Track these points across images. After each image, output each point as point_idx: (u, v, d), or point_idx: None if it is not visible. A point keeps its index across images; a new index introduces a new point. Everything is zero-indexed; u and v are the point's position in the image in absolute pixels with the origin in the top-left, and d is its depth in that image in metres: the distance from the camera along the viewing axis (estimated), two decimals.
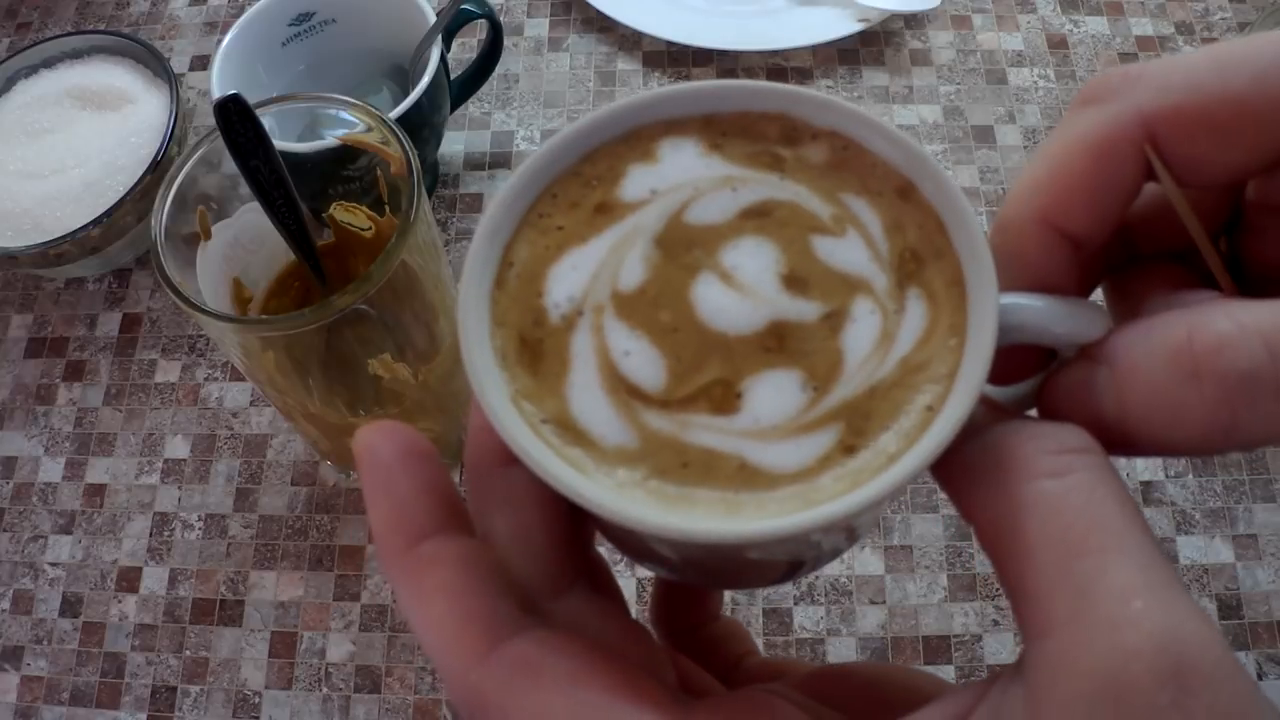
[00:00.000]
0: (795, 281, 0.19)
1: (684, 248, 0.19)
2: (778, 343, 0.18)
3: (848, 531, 0.21)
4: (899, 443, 0.17)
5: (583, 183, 0.20)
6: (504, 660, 0.16)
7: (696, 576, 0.23)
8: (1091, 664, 0.14)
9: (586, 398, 0.18)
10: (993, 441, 0.17)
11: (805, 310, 0.18)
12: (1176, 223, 0.18)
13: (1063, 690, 0.14)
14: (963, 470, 0.17)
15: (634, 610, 0.46)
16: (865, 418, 0.17)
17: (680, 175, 0.20)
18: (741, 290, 0.18)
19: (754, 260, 0.19)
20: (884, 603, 0.47)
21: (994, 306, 0.17)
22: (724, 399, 0.18)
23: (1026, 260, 0.18)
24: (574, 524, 0.19)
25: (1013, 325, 0.17)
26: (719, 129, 0.20)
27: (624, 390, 0.18)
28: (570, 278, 0.19)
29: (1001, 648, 0.46)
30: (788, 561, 0.21)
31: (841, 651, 0.45)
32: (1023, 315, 0.18)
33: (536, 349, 0.18)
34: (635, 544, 0.20)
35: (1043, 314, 0.18)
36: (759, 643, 0.46)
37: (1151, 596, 0.14)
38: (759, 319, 0.18)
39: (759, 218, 0.19)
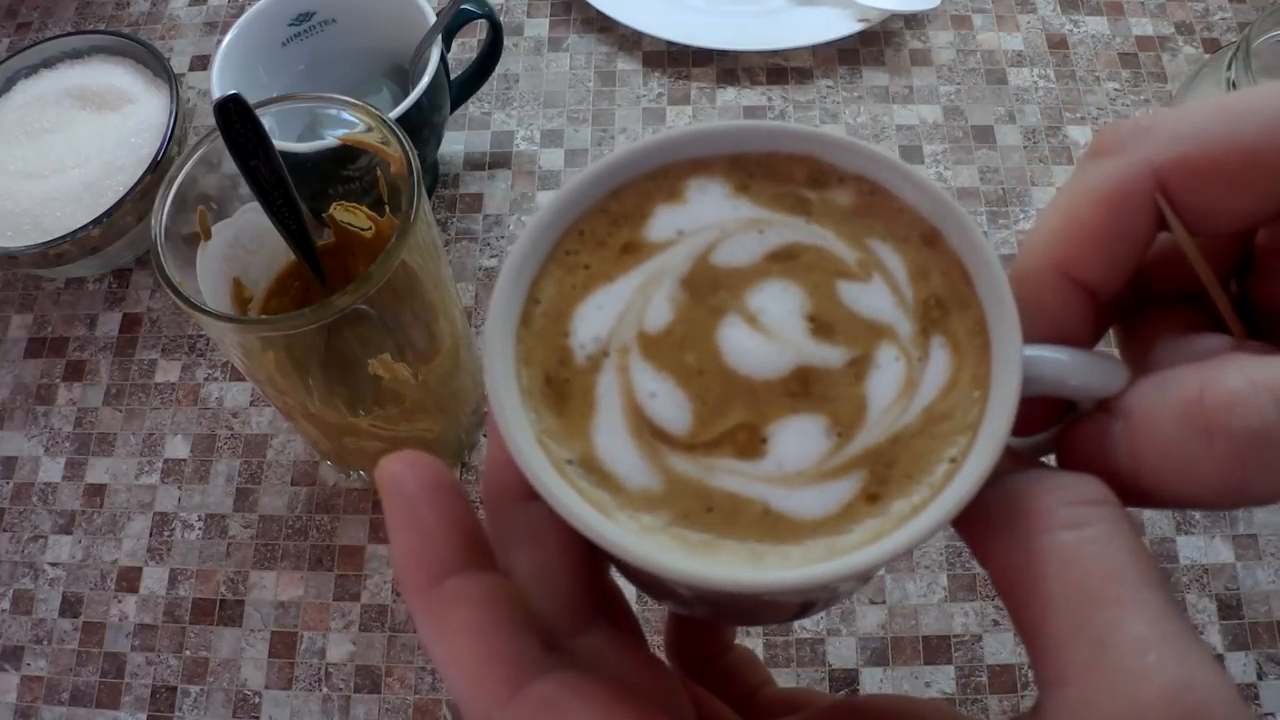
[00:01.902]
0: (821, 326, 0.19)
1: (710, 290, 0.19)
2: (802, 388, 0.18)
3: (864, 577, 0.21)
4: (922, 494, 0.17)
5: (610, 220, 0.20)
6: (528, 702, 0.16)
7: (712, 614, 0.23)
8: (1108, 714, 0.14)
9: (611, 439, 0.18)
10: (1012, 491, 0.17)
11: (830, 356, 0.18)
12: (1187, 266, 0.19)
13: None
14: (981, 518, 0.17)
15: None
16: (888, 466, 0.17)
17: (707, 216, 0.20)
18: (767, 334, 0.18)
19: (780, 304, 0.19)
20: (884, 603, 0.47)
21: (1018, 360, 0.17)
22: (749, 444, 0.18)
23: (1043, 310, 0.18)
24: (594, 560, 0.19)
25: (1033, 377, 0.17)
26: (746, 169, 0.20)
27: (649, 432, 0.18)
28: (596, 318, 0.19)
29: (1001, 648, 0.46)
30: (803, 603, 0.22)
31: (841, 651, 0.45)
32: (1043, 368, 0.18)
33: (562, 389, 0.18)
34: (654, 583, 0.20)
35: (1064, 367, 0.18)
36: (759, 642, 0.46)
37: (1166, 648, 0.14)
38: (784, 364, 0.18)
39: (785, 261, 0.19)
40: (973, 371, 0.18)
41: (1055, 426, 0.19)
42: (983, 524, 0.17)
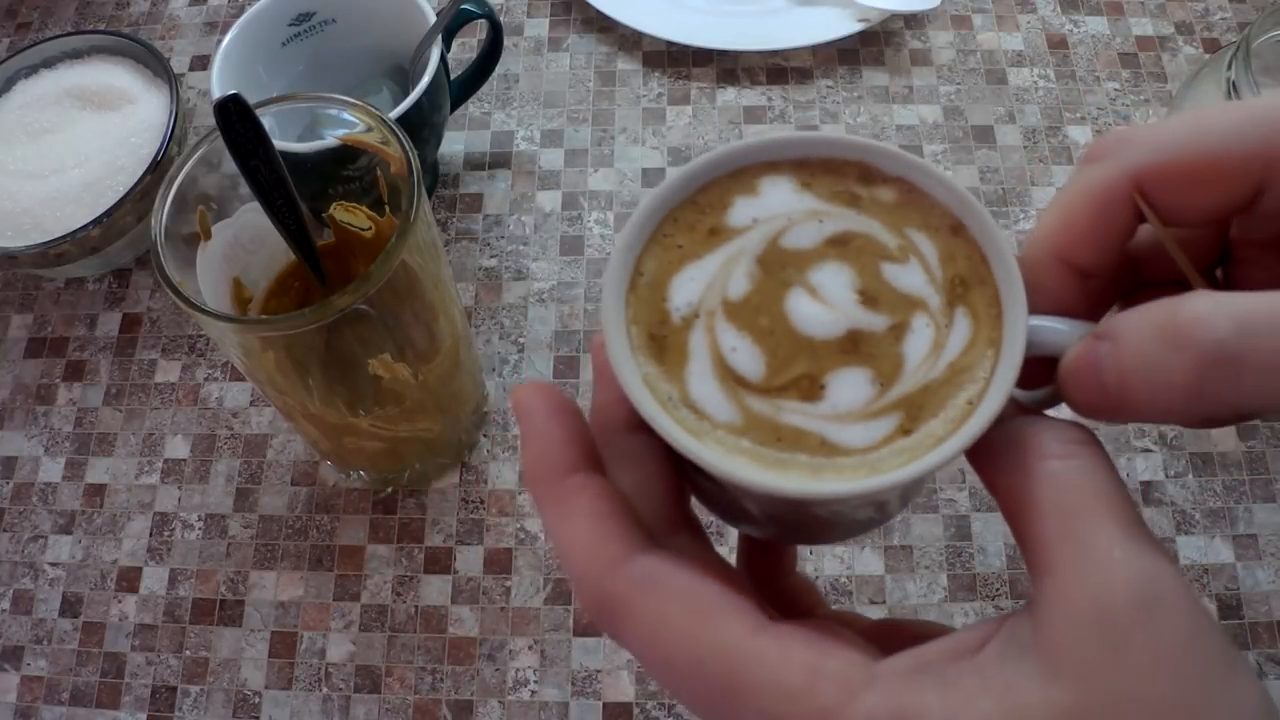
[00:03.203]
0: (868, 298, 0.23)
1: (780, 267, 0.23)
2: (853, 346, 0.22)
3: (902, 496, 0.25)
4: (945, 428, 0.21)
5: (698, 210, 0.24)
6: (634, 570, 0.20)
7: (777, 531, 0.27)
8: (1084, 595, 0.18)
9: (701, 383, 0.22)
10: (1015, 431, 0.21)
11: (875, 322, 0.22)
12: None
13: (1062, 615, 0.18)
14: (991, 452, 0.21)
15: None
16: (920, 409, 0.22)
17: (777, 207, 0.24)
18: (825, 304, 0.22)
19: (835, 280, 0.23)
20: (884, 603, 0.47)
21: (1024, 326, 0.21)
22: (810, 389, 0.22)
23: (1045, 288, 0.22)
24: (681, 485, 0.23)
25: (1035, 341, 0.21)
26: (809, 170, 0.24)
27: (731, 379, 0.22)
28: (689, 287, 0.23)
29: None
30: (853, 520, 0.26)
31: None
32: (1044, 334, 0.22)
33: (662, 343, 0.22)
34: (727, 502, 0.24)
35: (1060, 333, 0.22)
36: None
37: (1131, 547, 0.18)
38: (839, 327, 0.22)
39: (840, 245, 0.23)
40: (988, 335, 0.22)
41: (1052, 384, 0.22)
42: (991, 457, 0.21)
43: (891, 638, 0.22)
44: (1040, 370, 0.22)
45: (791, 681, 0.18)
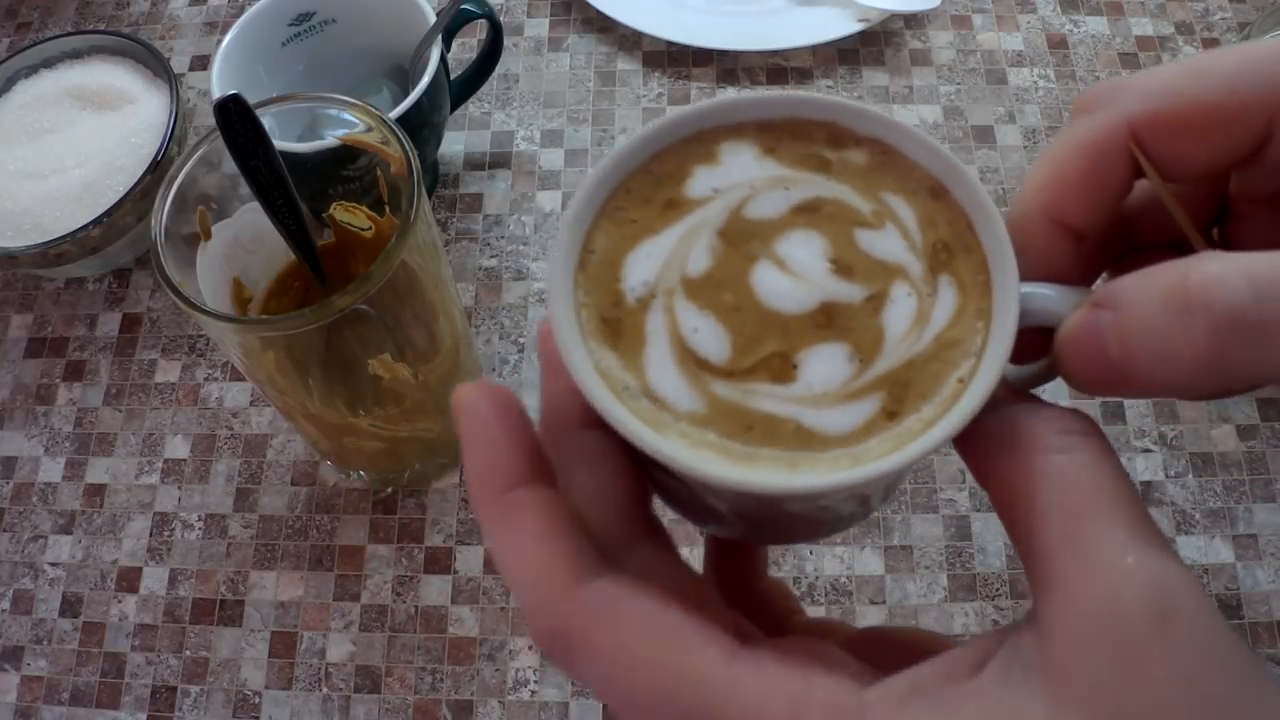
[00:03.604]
0: (841, 267, 0.21)
1: (744, 239, 0.21)
2: (827, 320, 0.20)
3: (887, 487, 0.24)
4: (934, 410, 0.19)
5: (653, 180, 0.22)
6: (589, 596, 0.18)
7: (748, 532, 0.25)
8: (1093, 607, 0.16)
9: (661, 369, 0.20)
10: (1010, 420, 0.19)
11: (851, 292, 0.21)
12: (1169, 215, 0.21)
13: (1069, 628, 0.16)
14: (983, 443, 0.19)
15: None
16: (905, 387, 0.20)
17: (739, 175, 0.22)
18: (795, 275, 0.21)
19: (805, 249, 0.21)
20: (884, 603, 0.47)
21: (1015, 295, 0.20)
22: (781, 369, 0.20)
23: (1035, 251, 0.21)
24: (642, 484, 0.21)
25: (1028, 310, 0.20)
26: (773, 134, 0.23)
27: (693, 363, 0.20)
28: (644, 265, 0.21)
29: None
30: (833, 516, 0.24)
31: None
32: (1037, 302, 0.20)
33: (616, 327, 0.21)
34: (693, 501, 0.22)
35: (1053, 301, 0.20)
36: None
37: (1141, 551, 0.17)
38: (811, 300, 0.20)
39: (809, 213, 0.22)
40: (976, 305, 0.20)
41: (1047, 356, 0.21)
42: (984, 448, 0.19)
43: (879, 649, 0.20)
44: (1032, 342, 0.20)
45: (773, 714, 0.17)
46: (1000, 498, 0.19)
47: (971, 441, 0.20)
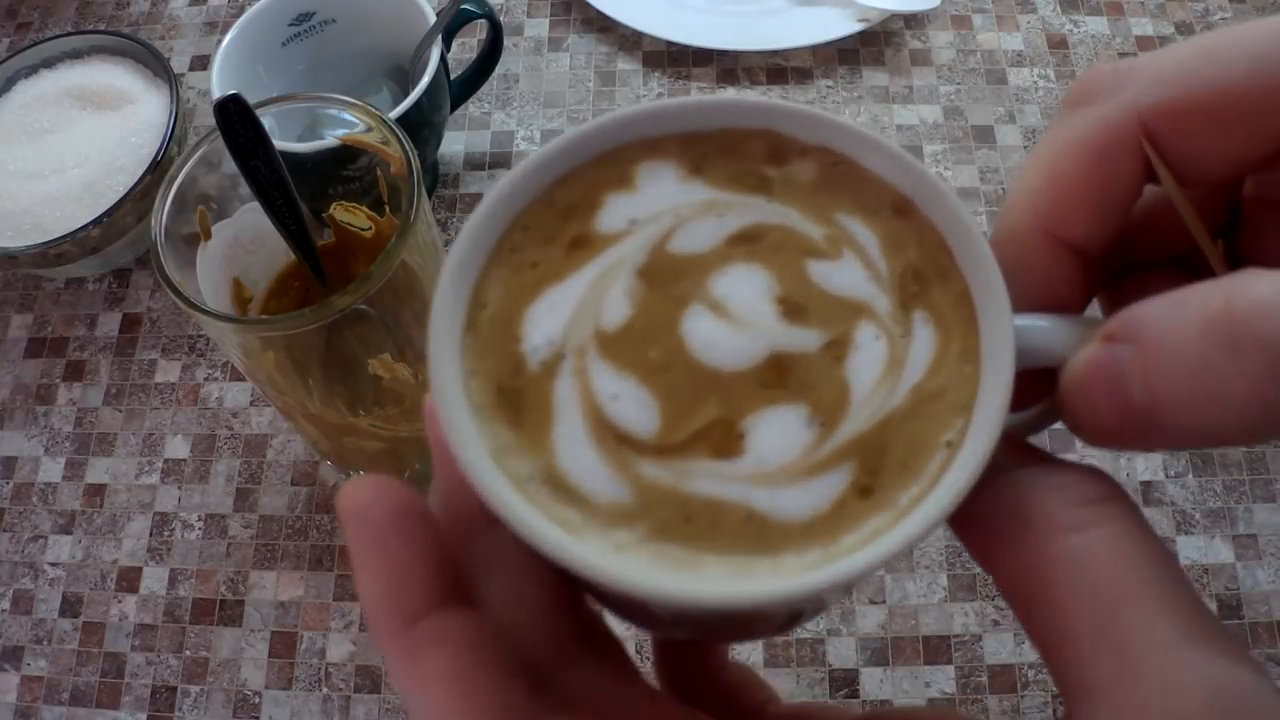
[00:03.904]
0: (792, 309, 0.17)
1: (670, 279, 0.18)
2: (778, 376, 0.17)
3: (865, 580, 0.20)
4: (920, 483, 0.16)
5: (556, 213, 0.19)
6: None
7: (697, 635, 0.22)
8: None
9: (574, 450, 0.16)
10: (1010, 493, 0.16)
11: (805, 339, 0.17)
12: (1173, 226, 0.18)
13: None
14: (980, 522, 0.16)
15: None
16: (879, 454, 0.16)
17: (661, 203, 0.19)
18: (735, 322, 0.17)
19: (746, 288, 0.18)
20: (884, 602, 0.47)
21: (1009, 330, 0.16)
22: (724, 441, 0.16)
23: (1030, 275, 0.17)
24: (572, 585, 0.18)
25: (1024, 348, 0.16)
26: (699, 149, 0.19)
27: (613, 439, 0.16)
28: (548, 319, 0.18)
29: (1001, 648, 0.46)
30: (797, 612, 0.21)
31: (841, 651, 0.45)
32: (1034, 337, 0.17)
33: (516, 399, 0.17)
34: (633, 608, 0.19)
35: (1054, 334, 0.17)
36: (757, 644, 0.46)
37: (1195, 650, 0.14)
38: (756, 351, 0.17)
39: (748, 243, 0.18)
40: (960, 345, 0.17)
41: (1046, 400, 0.18)
42: (983, 529, 0.16)
43: None
44: (1030, 387, 0.17)
45: None
46: (1011, 593, 0.16)
47: (966, 519, 0.16)
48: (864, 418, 0.17)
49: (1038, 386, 0.17)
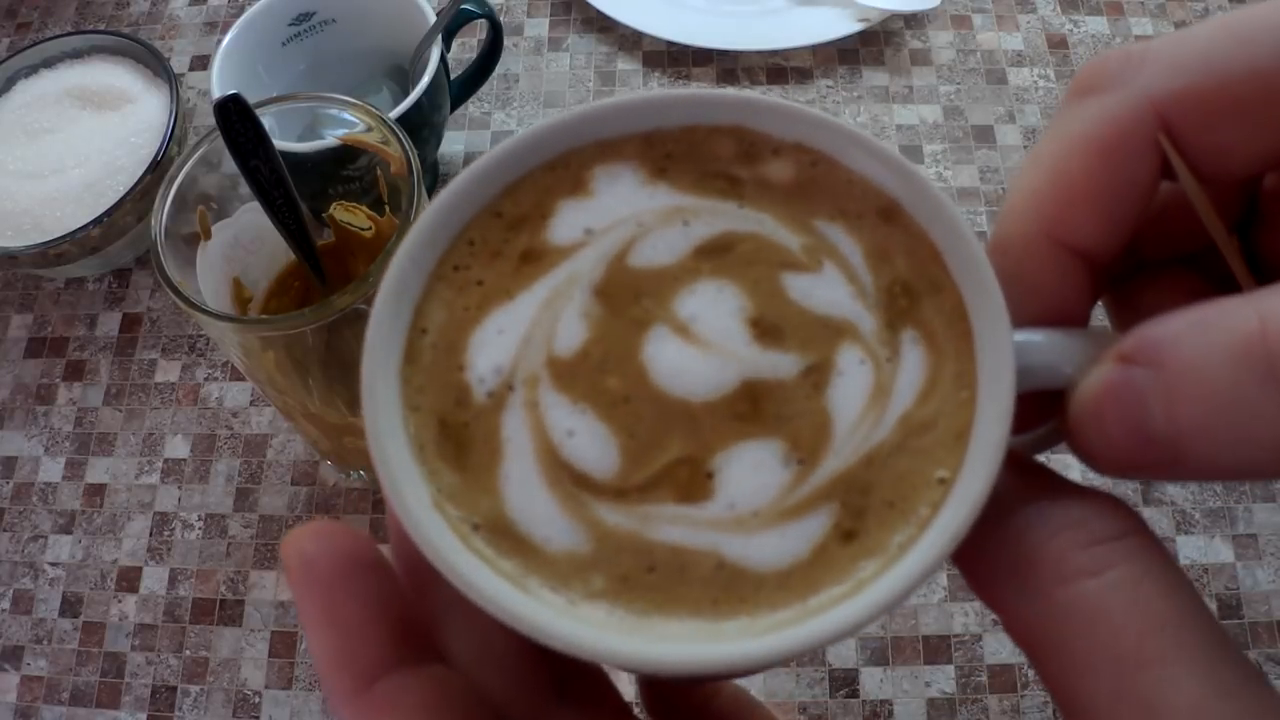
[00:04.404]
0: (767, 330, 0.16)
1: (631, 298, 0.16)
2: (751, 408, 0.15)
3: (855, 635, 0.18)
4: (910, 526, 0.14)
5: (505, 225, 0.17)
6: None
7: (672, 680, 0.20)
8: None
9: (524, 493, 0.15)
10: (1016, 533, 0.14)
11: (781, 365, 0.15)
12: (1183, 223, 0.16)
13: None
14: (984, 563, 0.14)
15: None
16: (863, 493, 0.15)
17: (620, 210, 0.17)
18: (703, 346, 0.15)
19: (715, 308, 0.16)
20: None
21: (1009, 349, 0.14)
22: (691, 482, 0.15)
23: (1033, 285, 0.16)
24: None
25: (1026, 368, 0.15)
26: (663, 149, 0.17)
27: (569, 480, 0.15)
28: (496, 344, 0.16)
29: (1001, 647, 0.46)
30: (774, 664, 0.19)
31: (841, 651, 0.45)
32: (1037, 356, 0.15)
33: (461, 436, 0.15)
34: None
35: (1060, 353, 0.15)
36: None
37: (1226, 706, 0.12)
38: (727, 380, 0.15)
39: (717, 255, 0.16)
40: (955, 368, 0.15)
41: (1050, 422, 0.16)
42: (989, 571, 0.14)
43: None
44: (1034, 409, 0.15)
45: None
46: (1022, 640, 0.14)
47: (970, 558, 0.15)
48: (847, 453, 0.15)
49: (1041, 407, 0.15)
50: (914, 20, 0.65)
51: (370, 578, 0.15)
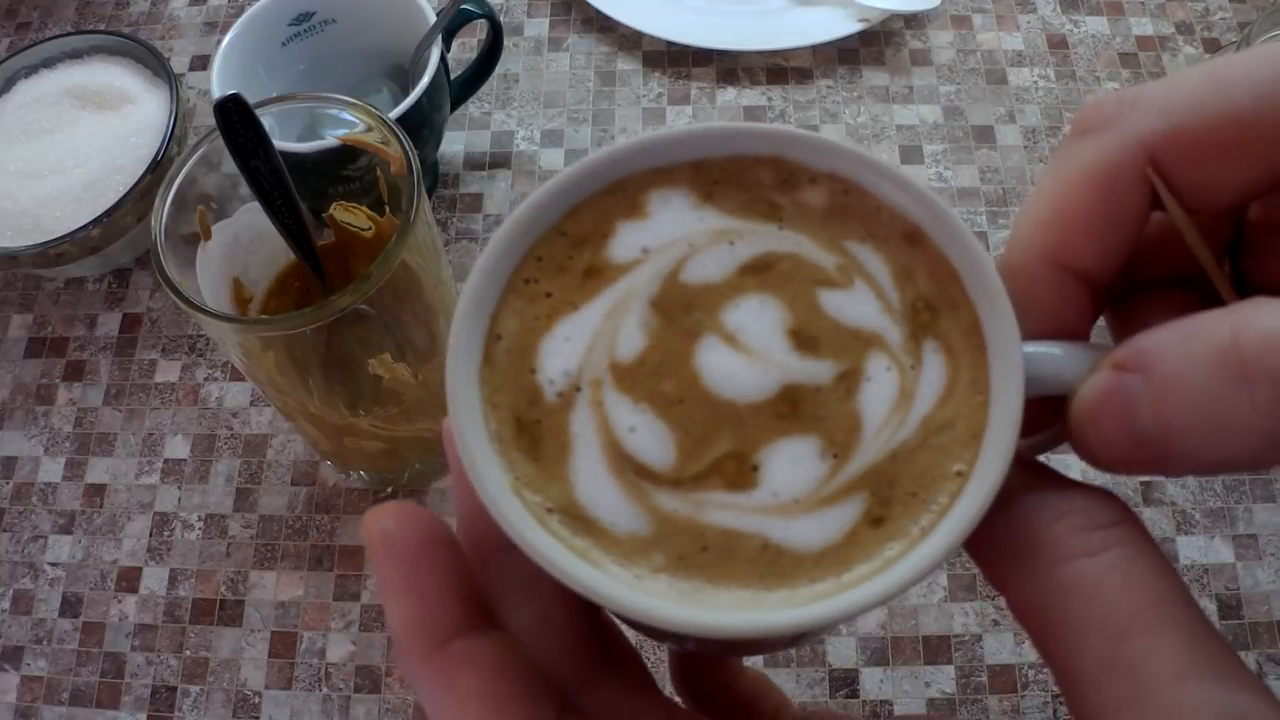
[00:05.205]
0: (804, 340, 0.18)
1: (683, 310, 0.18)
2: (791, 409, 0.17)
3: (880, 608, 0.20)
4: (930, 513, 0.16)
5: (569, 243, 0.19)
6: None
7: (715, 651, 0.22)
8: None
9: (592, 482, 0.17)
10: (1021, 519, 0.16)
11: (817, 371, 0.18)
12: (1178, 248, 0.18)
13: None
14: (993, 547, 0.16)
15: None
16: (890, 485, 0.17)
17: (673, 231, 0.19)
18: (748, 354, 0.18)
19: (758, 320, 0.18)
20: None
21: (1019, 359, 0.16)
22: (739, 474, 0.17)
23: (1038, 304, 0.18)
24: (592, 608, 0.18)
25: (1033, 377, 0.17)
26: (710, 176, 0.19)
27: (631, 470, 0.17)
28: (564, 350, 0.18)
29: (1001, 647, 0.46)
30: (813, 636, 0.21)
31: (841, 651, 0.45)
32: (1043, 365, 0.17)
33: (534, 431, 0.17)
34: (650, 627, 0.19)
35: (1063, 362, 0.17)
36: None
37: (1205, 677, 0.14)
38: (770, 384, 0.17)
39: (760, 273, 0.18)
40: (970, 376, 0.17)
41: (1054, 426, 0.18)
42: (995, 554, 0.16)
43: None
44: (1039, 414, 0.17)
45: None
46: (1024, 617, 0.16)
47: (979, 543, 0.17)
48: (875, 450, 0.17)
49: (1046, 411, 0.17)
50: (914, 20, 0.65)
51: (445, 553, 0.17)
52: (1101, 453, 0.16)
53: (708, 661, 0.23)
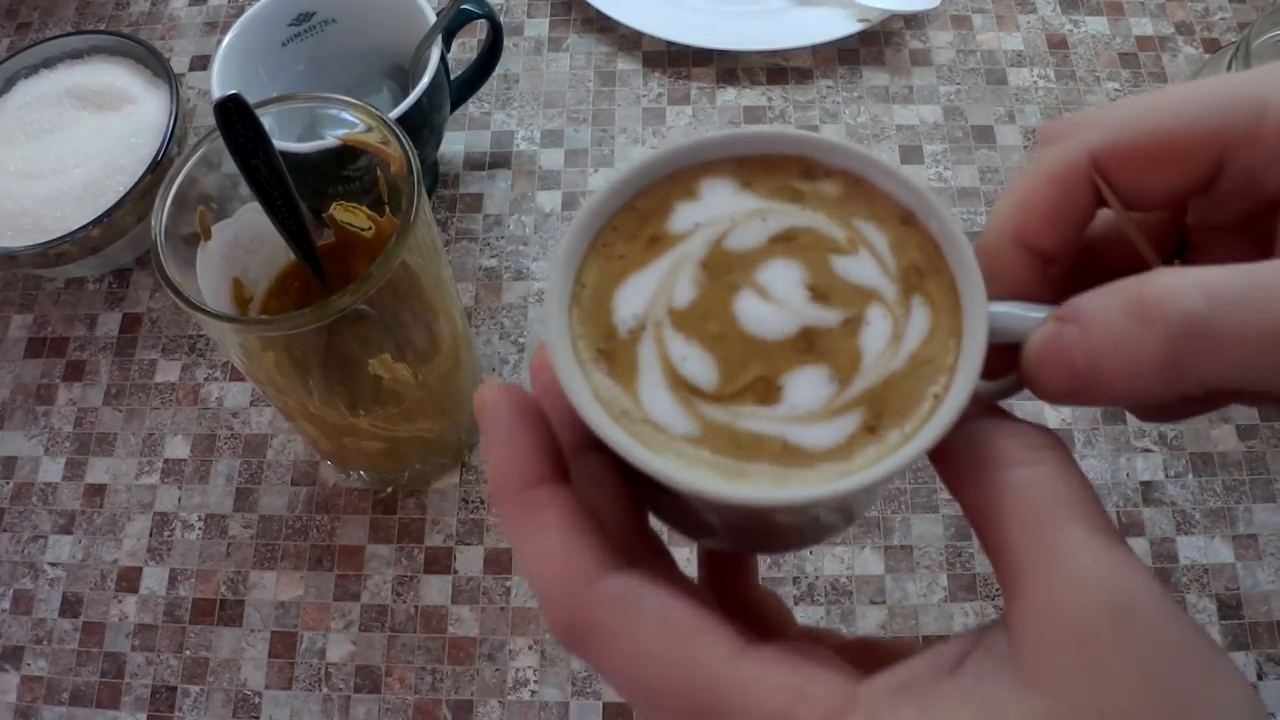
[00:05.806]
0: (819, 293, 0.22)
1: (725, 270, 0.23)
2: (808, 345, 0.22)
3: (869, 497, 0.25)
4: (913, 424, 0.21)
5: (638, 217, 0.24)
6: (608, 589, 0.19)
7: (739, 542, 0.27)
8: (1057, 609, 0.18)
9: (655, 395, 0.21)
10: (978, 437, 0.20)
11: (828, 317, 0.22)
12: (1134, 244, 0.23)
13: (1034, 626, 0.18)
14: (954, 458, 0.21)
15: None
16: (883, 403, 0.21)
17: (719, 209, 0.23)
18: (775, 303, 0.22)
19: (783, 277, 0.22)
20: (884, 603, 0.47)
21: (984, 313, 0.21)
22: (766, 392, 0.21)
23: (1004, 273, 0.22)
24: (639, 507, 0.23)
25: (996, 328, 0.21)
26: (749, 169, 0.24)
27: (684, 388, 0.21)
28: (633, 299, 0.22)
29: None
30: (818, 525, 0.26)
31: None
32: (1004, 320, 0.21)
33: (610, 357, 0.22)
34: (688, 516, 0.24)
35: (1019, 318, 0.21)
36: None
37: (1102, 555, 0.18)
38: (791, 326, 0.22)
39: (786, 242, 0.23)
40: (948, 324, 0.22)
41: (1013, 372, 0.22)
42: (955, 463, 0.21)
43: (868, 656, 0.21)
44: (1002, 359, 0.21)
45: (774, 705, 0.18)
46: (972, 510, 0.20)
47: (945, 456, 0.21)
48: (872, 377, 0.21)
49: (1006, 359, 0.22)
50: (914, 20, 0.65)
51: (537, 421, 0.21)
52: (1047, 386, 0.20)
53: (731, 564, 0.27)
